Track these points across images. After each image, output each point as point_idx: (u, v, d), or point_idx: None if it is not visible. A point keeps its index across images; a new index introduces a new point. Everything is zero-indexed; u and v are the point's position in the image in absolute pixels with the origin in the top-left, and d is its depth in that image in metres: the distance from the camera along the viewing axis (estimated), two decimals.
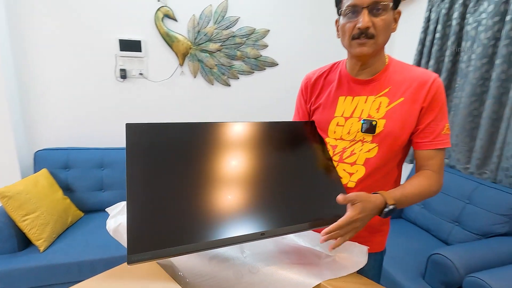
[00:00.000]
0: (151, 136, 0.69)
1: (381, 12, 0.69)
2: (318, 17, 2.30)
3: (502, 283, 1.09)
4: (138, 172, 0.63)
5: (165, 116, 2.13)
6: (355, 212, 0.64)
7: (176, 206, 0.62)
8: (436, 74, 0.75)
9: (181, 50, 2.04)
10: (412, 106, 0.74)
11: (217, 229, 0.62)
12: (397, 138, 0.76)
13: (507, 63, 1.53)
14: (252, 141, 0.78)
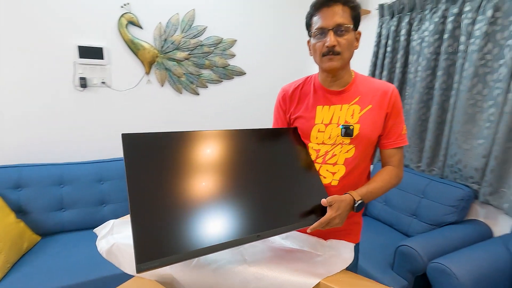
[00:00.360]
0: (148, 146, 0.69)
1: (344, 33, 0.83)
2: (282, 28, 2.41)
3: (458, 265, 1.25)
4: (138, 182, 0.63)
5: (131, 126, 2.03)
6: (333, 211, 0.76)
7: (178, 213, 0.64)
8: (393, 85, 0.90)
9: (147, 58, 1.97)
10: (379, 112, 0.88)
11: (218, 233, 0.65)
12: (369, 139, 0.89)
13: (447, 74, 1.78)
14: (243, 147, 0.82)
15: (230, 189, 0.73)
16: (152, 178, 0.65)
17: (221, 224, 0.67)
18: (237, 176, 0.75)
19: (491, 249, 1.41)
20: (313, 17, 0.89)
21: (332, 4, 0.83)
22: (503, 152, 1.51)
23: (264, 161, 0.82)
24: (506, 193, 1.53)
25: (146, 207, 0.61)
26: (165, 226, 0.62)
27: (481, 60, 1.58)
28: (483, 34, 1.54)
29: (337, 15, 0.83)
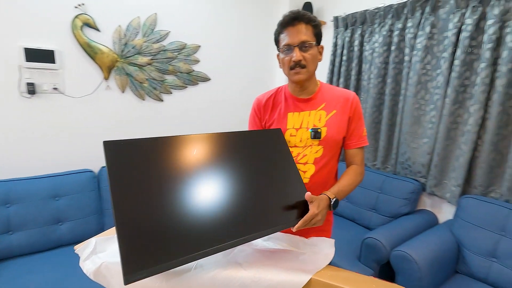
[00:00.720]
0: (131, 153, 0.68)
1: (308, 49, 0.93)
2: (246, 34, 2.46)
3: (416, 250, 1.41)
4: (122, 190, 0.62)
5: (89, 136, 1.88)
6: (315, 207, 0.82)
7: (164, 222, 0.63)
8: (354, 92, 1.03)
9: (106, 63, 1.85)
10: (342, 116, 1.00)
11: (206, 238, 0.66)
12: (335, 141, 1.00)
13: (395, 82, 2.00)
14: (228, 150, 0.83)
15: (216, 193, 0.73)
16: (136, 186, 0.64)
17: (208, 229, 0.68)
18: (222, 180, 0.76)
19: (439, 233, 1.62)
20: (280, 34, 0.98)
21: (296, 23, 0.93)
22: (443, 149, 1.74)
23: (249, 163, 0.83)
24: (447, 184, 1.77)
25: (131, 216, 0.60)
26: (152, 234, 0.61)
27: (422, 70, 1.81)
28: (424, 47, 1.78)
29: (301, 33, 0.92)
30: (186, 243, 0.64)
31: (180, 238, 0.64)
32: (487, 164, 1.58)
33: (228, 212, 0.73)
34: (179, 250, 0.62)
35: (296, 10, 0.95)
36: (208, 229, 0.68)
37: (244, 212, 0.75)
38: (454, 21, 1.63)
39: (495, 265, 1.42)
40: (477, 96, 1.56)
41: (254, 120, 1.11)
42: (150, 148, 0.71)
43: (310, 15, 0.94)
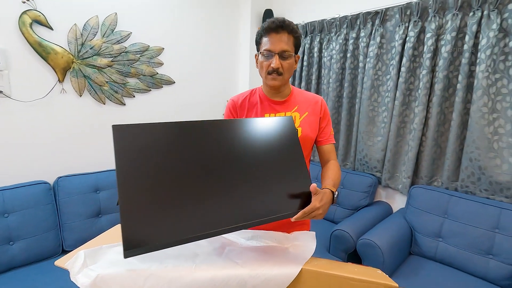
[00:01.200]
0: (138, 137, 0.70)
1: (287, 58, 0.99)
2: (211, 37, 2.46)
3: (378, 238, 1.57)
4: (127, 172, 0.65)
5: (41, 143, 1.71)
6: (317, 201, 0.84)
7: (166, 203, 0.67)
8: (321, 96, 1.13)
9: (61, 64, 1.70)
10: (314, 117, 1.09)
11: (206, 222, 0.69)
12: (309, 139, 1.08)
13: (351, 86, 2.19)
14: (238, 136, 0.83)
15: (221, 178, 0.75)
16: (141, 169, 0.67)
17: (210, 213, 0.70)
18: (229, 164, 0.77)
19: (395, 221, 1.81)
20: (263, 37, 1.02)
21: (280, 31, 0.98)
22: (395, 145, 1.96)
23: (258, 150, 0.84)
24: (399, 177, 1.99)
25: (134, 197, 0.64)
26: (153, 213, 0.64)
27: (375, 75, 2.02)
28: (375, 55, 1.98)
29: (283, 42, 0.97)
30: (187, 224, 0.66)
31: (181, 219, 0.67)
32: (430, 157, 1.83)
33: (232, 197, 0.74)
34: (177, 230, 0.65)
35: (282, 18, 0.99)
36: (210, 213, 0.70)
37: (248, 198, 0.76)
38: (399, 33, 1.86)
39: (441, 244, 1.65)
40: (420, 98, 1.79)
41: None
42: (158, 133, 0.73)
43: (294, 26, 0.99)
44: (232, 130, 0.83)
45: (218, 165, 0.76)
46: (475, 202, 1.60)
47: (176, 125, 0.76)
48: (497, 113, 1.57)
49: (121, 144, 0.67)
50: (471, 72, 1.64)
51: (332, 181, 0.97)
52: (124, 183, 0.64)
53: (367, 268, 0.91)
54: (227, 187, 0.75)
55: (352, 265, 0.93)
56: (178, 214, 0.67)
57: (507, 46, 1.52)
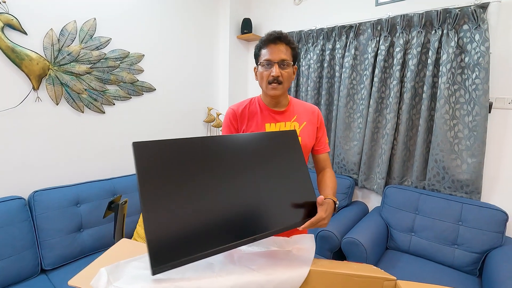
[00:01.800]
0: (159, 153, 0.72)
1: (286, 67, 1.03)
2: (190, 44, 2.46)
3: (360, 235, 1.69)
4: (150, 191, 0.67)
5: (14, 156, 1.59)
6: (323, 211, 0.90)
7: (186, 220, 0.69)
8: (317, 106, 1.19)
9: (36, 71, 1.60)
10: (312, 126, 1.15)
11: (222, 235, 0.73)
12: (308, 148, 1.14)
13: (328, 94, 2.33)
14: (246, 151, 0.86)
15: (234, 192, 0.78)
16: (162, 185, 0.69)
17: (226, 227, 0.74)
18: (240, 179, 0.80)
19: (373, 219, 1.96)
20: (261, 49, 1.06)
21: (278, 42, 1.03)
22: (369, 149, 2.13)
23: (265, 164, 0.87)
24: (374, 178, 2.16)
25: (157, 213, 0.65)
26: (177, 229, 0.66)
27: (350, 84, 2.17)
28: (350, 65, 2.14)
29: (282, 52, 1.02)
30: (206, 239, 0.69)
31: (203, 233, 0.69)
32: (401, 159, 2.02)
33: (244, 211, 0.78)
34: (200, 245, 0.68)
35: (279, 31, 1.04)
36: (225, 226, 0.73)
37: (258, 211, 0.80)
38: (372, 46, 2.03)
39: (414, 238, 1.83)
40: (391, 106, 1.97)
41: (230, 130, 1.15)
42: (177, 149, 0.75)
43: (291, 38, 1.05)
44: (243, 144, 0.87)
45: (232, 179, 0.79)
46: (441, 198, 1.80)
47: (194, 140, 0.78)
48: (456, 120, 1.79)
49: (142, 161, 0.68)
50: (434, 83, 1.85)
51: (331, 190, 1.04)
52: (148, 201, 0.65)
53: (363, 264, 1.00)
54: (242, 200, 0.79)
55: (350, 263, 1.01)
56: (200, 228, 0.69)
57: (463, 61, 1.74)
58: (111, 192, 1.86)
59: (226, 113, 1.16)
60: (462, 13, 1.69)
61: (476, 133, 1.70)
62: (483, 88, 1.64)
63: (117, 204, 1.52)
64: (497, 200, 1.73)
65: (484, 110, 1.66)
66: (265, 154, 0.89)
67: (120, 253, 0.89)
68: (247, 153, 0.86)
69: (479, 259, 1.62)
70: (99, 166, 1.96)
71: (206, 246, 0.69)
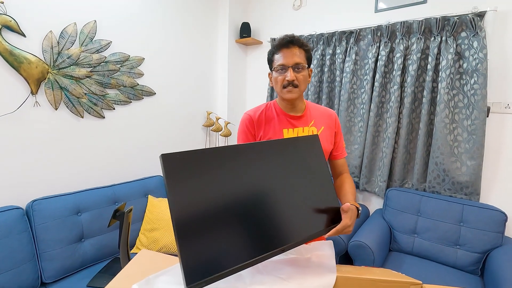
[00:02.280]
0: (188, 165, 0.69)
1: (301, 70, 1.02)
2: (190, 48, 2.43)
3: (366, 238, 1.71)
4: (181, 203, 0.64)
5: (11, 163, 1.51)
6: (348, 218, 0.90)
7: (218, 232, 0.67)
8: (333, 110, 1.17)
9: (35, 75, 1.54)
10: (330, 131, 1.14)
11: (254, 247, 0.71)
12: (327, 153, 1.13)
13: (329, 98, 2.35)
14: (273, 159, 0.84)
15: (263, 203, 0.77)
16: (192, 198, 0.66)
17: (256, 238, 0.72)
18: (268, 188, 0.79)
19: (376, 221, 1.99)
20: (275, 54, 1.05)
21: (291, 46, 1.02)
22: (370, 152, 2.16)
23: (289, 170, 0.85)
24: (375, 181, 2.19)
25: (190, 228, 0.63)
26: (209, 245, 0.64)
27: (351, 89, 2.21)
28: (351, 70, 2.17)
29: (295, 55, 1.01)
30: (237, 253, 0.68)
31: (236, 247, 0.68)
32: (402, 162, 2.06)
33: (271, 221, 0.76)
34: (232, 259, 0.66)
35: (291, 34, 1.03)
36: (255, 238, 0.72)
37: (284, 220, 0.79)
38: (372, 52, 2.07)
39: (417, 239, 1.86)
40: (392, 110, 2.01)
41: (247, 136, 1.12)
42: (206, 159, 0.72)
43: (303, 41, 1.04)
44: (267, 152, 0.85)
45: (258, 189, 0.78)
46: (442, 200, 1.85)
47: (219, 150, 0.76)
48: (456, 123, 1.85)
49: (172, 174, 0.65)
50: (434, 88, 1.91)
51: (352, 196, 1.04)
52: (180, 216, 0.62)
53: (384, 269, 1.01)
54: (269, 210, 0.77)
55: (371, 268, 1.02)
56: (232, 242, 0.68)
57: (461, 67, 1.80)
58: (112, 199, 1.80)
59: (242, 119, 1.13)
60: (460, 21, 1.75)
61: (475, 136, 1.76)
62: (481, 93, 1.71)
63: (122, 212, 1.47)
64: (495, 201, 1.79)
65: (483, 114, 1.72)
66: (289, 161, 0.87)
67: (144, 265, 0.86)
68: (271, 161, 0.84)
69: (481, 259, 1.67)
70: (99, 173, 1.90)
71: (238, 260, 0.67)
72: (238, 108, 2.84)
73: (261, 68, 2.76)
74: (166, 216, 1.87)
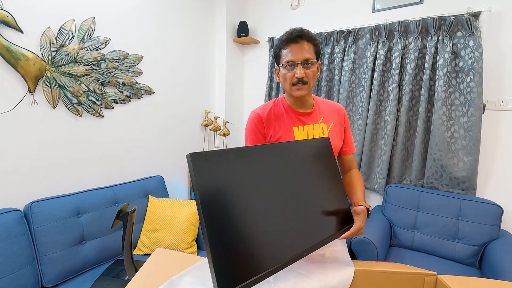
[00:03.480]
0: (216, 166, 0.65)
1: (310, 66, 0.99)
2: (188, 46, 2.41)
3: (369, 234, 1.73)
4: (211, 207, 0.61)
5: (7, 164, 1.46)
6: (361, 221, 0.91)
7: (248, 238, 0.65)
8: (341, 105, 1.17)
9: (32, 72, 1.49)
10: (339, 127, 1.13)
11: (280, 251, 0.70)
12: (337, 149, 1.11)
13: (327, 96, 2.37)
14: (288, 161, 0.83)
15: (285, 206, 0.76)
16: (222, 202, 0.64)
17: (281, 242, 0.71)
18: (288, 191, 0.78)
19: (376, 217, 2.02)
20: (282, 50, 1.00)
21: (299, 41, 0.97)
22: (369, 150, 2.20)
23: (303, 173, 0.85)
24: (374, 178, 2.23)
25: (221, 233, 0.60)
26: (240, 250, 0.63)
27: (350, 87, 2.24)
28: (350, 69, 2.20)
29: (304, 50, 0.97)
30: (265, 258, 0.66)
31: (266, 252, 0.66)
32: (400, 159, 2.10)
33: (292, 225, 0.76)
34: (263, 264, 0.65)
35: (299, 28, 0.99)
36: (279, 243, 0.71)
37: (303, 224, 0.79)
38: (371, 51, 2.10)
39: (417, 234, 1.90)
40: (391, 108, 2.05)
41: (256, 135, 1.08)
42: (232, 159, 0.69)
43: (312, 34, 0.99)
44: (283, 153, 0.83)
45: (279, 191, 0.76)
46: (440, 195, 1.90)
47: (247, 150, 0.74)
48: (452, 120, 1.90)
49: (201, 175, 0.61)
50: (431, 86, 1.95)
51: (362, 195, 1.02)
52: (210, 222, 0.59)
53: (395, 263, 1.02)
54: (289, 214, 0.76)
55: (383, 262, 1.03)
56: (262, 247, 0.66)
57: (458, 66, 1.86)
58: (113, 200, 1.76)
59: (250, 118, 1.09)
60: (456, 21, 1.80)
61: (471, 133, 1.81)
62: (477, 90, 1.76)
63: (126, 213, 1.44)
64: (491, 195, 1.85)
65: (479, 112, 1.78)
66: (303, 164, 0.86)
67: (161, 264, 0.85)
68: (288, 164, 0.82)
69: (479, 252, 1.72)
70: (98, 173, 1.85)
71: (265, 265, 0.65)
72: (236, 108, 2.83)
73: (258, 68, 2.76)
74: (167, 216, 1.84)
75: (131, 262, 1.46)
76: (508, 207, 1.78)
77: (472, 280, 0.85)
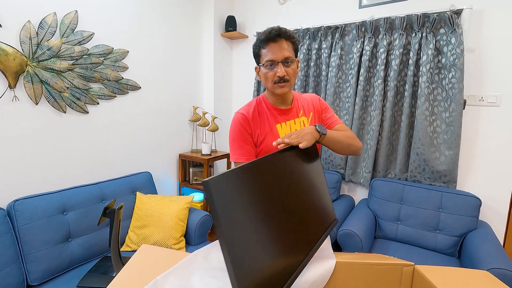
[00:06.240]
0: (229, 186, 0.61)
1: (290, 64, 1.01)
2: (175, 41, 2.38)
3: (354, 227, 1.78)
4: (230, 226, 0.57)
5: None
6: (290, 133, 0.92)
7: (267, 247, 0.64)
8: (315, 94, 1.19)
9: (12, 67, 1.45)
10: (318, 115, 1.16)
11: (291, 261, 0.71)
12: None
13: (315, 92, 2.40)
14: (290, 169, 0.83)
15: (293, 212, 0.77)
16: (239, 217, 0.60)
17: (290, 251, 0.72)
18: (294, 199, 0.79)
19: (362, 211, 2.07)
20: (262, 49, 1.02)
21: (278, 39, 0.99)
22: None
23: (303, 177, 0.86)
24: (360, 172, 2.28)
25: (240, 248, 0.57)
26: (259, 261, 0.60)
27: (337, 83, 2.26)
28: (337, 65, 2.22)
29: (284, 49, 0.98)
30: (286, 265, 0.67)
31: (282, 261, 0.66)
32: (385, 153, 2.15)
33: (300, 229, 0.78)
34: (284, 277, 0.65)
35: (277, 27, 0.99)
36: (295, 248, 0.73)
37: (303, 231, 0.80)
38: (357, 47, 2.13)
39: (400, 226, 1.96)
40: (376, 104, 2.09)
41: (244, 135, 1.08)
42: (242, 176, 0.65)
43: (290, 33, 1.01)
44: (283, 161, 0.83)
45: (287, 198, 0.77)
46: (422, 188, 1.96)
47: (256, 164, 0.71)
48: (435, 116, 1.95)
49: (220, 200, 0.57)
50: (415, 82, 2.00)
51: (332, 132, 1.02)
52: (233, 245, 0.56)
53: (376, 255, 1.07)
54: (296, 220, 0.77)
55: (365, 254, 1.07)
56: (278, 256, 0.66)
57: (440, 62, 1.90)
58: (99, 197, 1.74)
59: (235, 119, 1.09)
60: (439, 18, 1.84)
61: (452, 127, 1.87)
62: (458, 86, 1.81)
63: (113, 210, 1.44)
64: (470, 188, 1.92)
65: (460, 107, 1.83)
66: (297, 169, 0.86)
67: (145, 262, 0.85)
68: (286, 172, 0.81)
69: (458, 242, 1.80)
70: (84, 170, 1.83)
71: (284, 273, 0.66)
72: (224, 102, 2.82)
73: (247, 62, 2.76)
74: (155, 212, 1.84)
75: (118, 258, 1.46)
76: (486, 199, 1.86)
77: (447, 269, 0.89)
